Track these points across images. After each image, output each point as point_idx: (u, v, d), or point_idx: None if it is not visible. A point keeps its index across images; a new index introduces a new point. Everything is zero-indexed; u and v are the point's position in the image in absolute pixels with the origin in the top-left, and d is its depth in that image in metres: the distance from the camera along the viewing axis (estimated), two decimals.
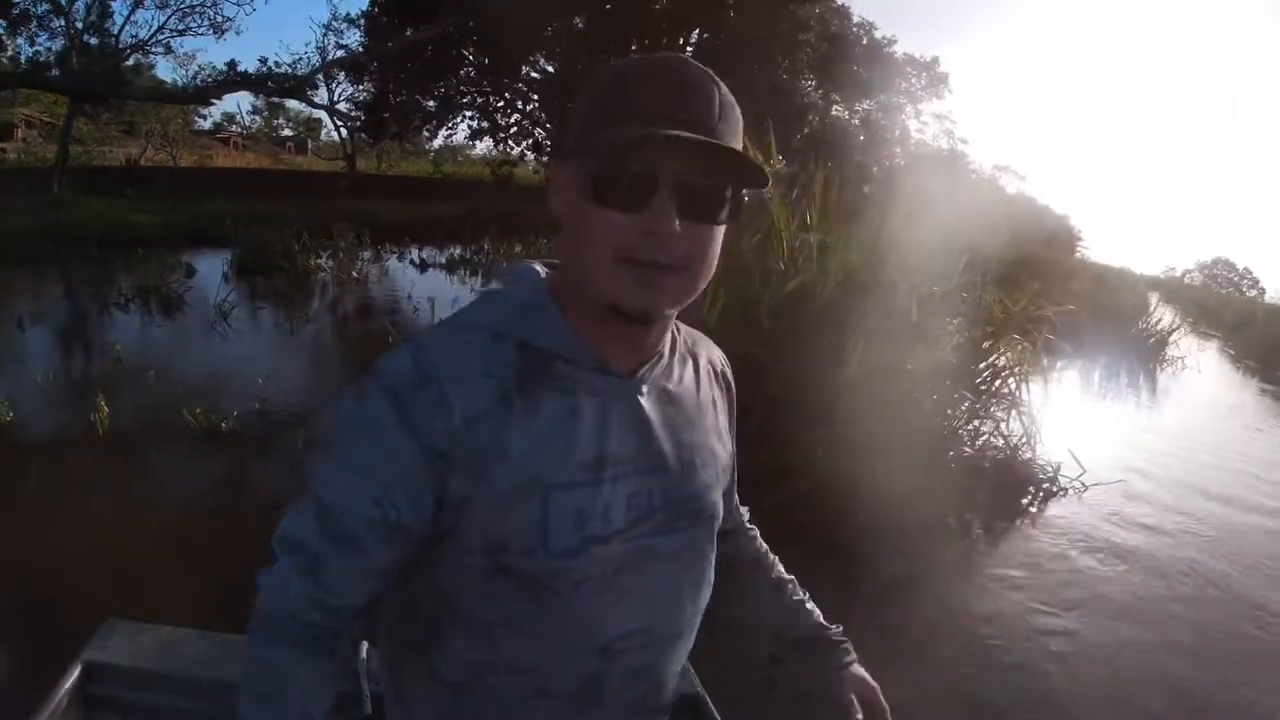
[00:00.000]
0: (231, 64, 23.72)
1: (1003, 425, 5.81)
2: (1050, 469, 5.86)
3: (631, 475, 0.89)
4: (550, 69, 25.14)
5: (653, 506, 0.91)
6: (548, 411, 0.84)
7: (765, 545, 1.24)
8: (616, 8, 21.88)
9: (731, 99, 0.81)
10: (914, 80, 31.79)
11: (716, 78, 0.81)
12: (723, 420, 1.04)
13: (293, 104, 32.44)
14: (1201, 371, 14.48)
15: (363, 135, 28.53)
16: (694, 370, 1.00)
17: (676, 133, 0.74)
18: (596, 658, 0.90)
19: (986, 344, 5.58)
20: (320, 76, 24.60)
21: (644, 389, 0.90)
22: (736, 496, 1.20)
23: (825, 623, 1.18)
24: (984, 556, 4.81)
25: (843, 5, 27.45)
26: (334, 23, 26.64)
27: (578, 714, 0.92)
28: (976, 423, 5.71)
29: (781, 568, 1.22)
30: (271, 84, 22.96)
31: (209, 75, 25.12)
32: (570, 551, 0.85)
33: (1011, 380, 5.75)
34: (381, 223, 16.92)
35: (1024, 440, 5.82)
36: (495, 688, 0.90)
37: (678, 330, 0.99)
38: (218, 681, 1.55)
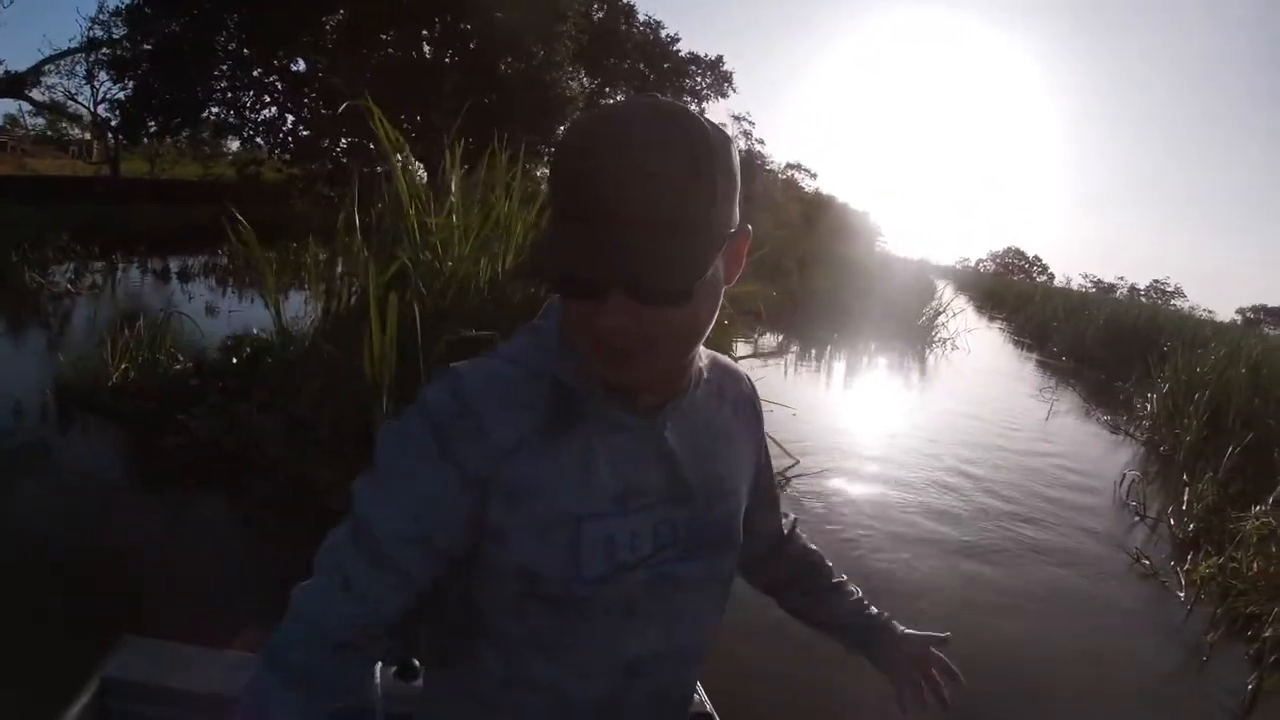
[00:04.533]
0: None
1: None
2: None
3: (657, 505, 0.91)
4: (300, 65, 24.05)
5: (676, 535, 0.93)
6: (579, 445, 0.87)
7: (805, 548, 1.29)
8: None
9: (687, 150, 0.73)
10: (699, 79, 31.95)
11: (673, 121, 0.74)
12: (747, 449, 1.07)
13: (75, 106, 29.62)
14: (970, 352, 14.84)
15: (121, 136, 26.31)
16: (718, 401, 1.01)
17: (579, 274, 0.74)
18: (619, 678, 0.93)
19: None
20: (48, 70, 23.24)
21: (669, 423, 0.92)
22: (781, 512, 1.26)
23: (862, 608, 1.25)
24: None
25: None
26: (100, 16, 24.25)
27: None
28: None
29: (823, 566, 1.28)
30: None
31: None
32: (600, 578, 0.87)
33: None
34: (133, 228, 16.07)
35: None
36: (521, 704, 0.93)
37: (707, 361, 1.01)
38: (234, 699, 1.28)
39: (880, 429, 8.35)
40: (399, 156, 5.06)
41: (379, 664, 1.16)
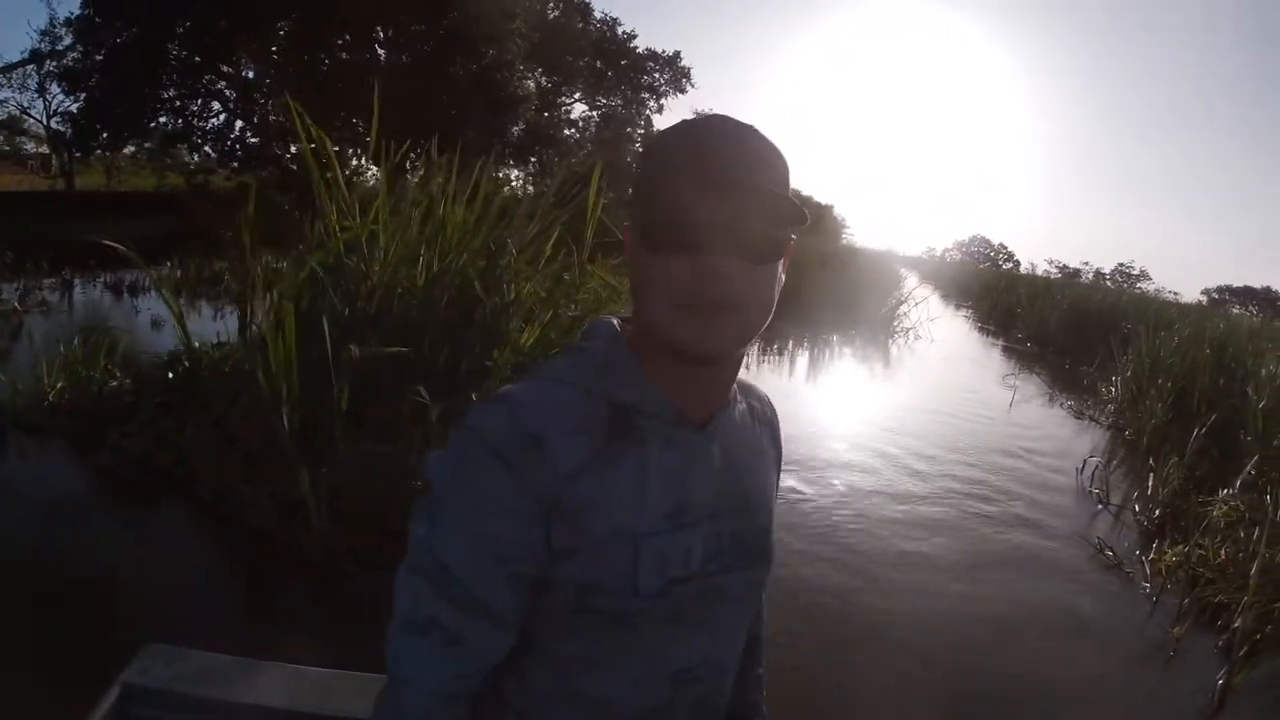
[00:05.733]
0: None
1: None
2: None
3: (706, 520, 0.93)
4: (250, 72, 23.73)
5: (722, 548, 0.95)
6: (634, 464, 0.88)
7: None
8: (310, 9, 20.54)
9: (769, 148, 0.87)
10: (657, 75, 31.78)
11: (755, 130, 0.87)
12: (772, 467, 1.11)
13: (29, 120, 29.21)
14: (933, 340, 14.82)
15: (75, 150, 26.09)
16: (750, 418, 1.06)
17: (715, 180, 0.81)
18: (666, 688, 0.94)
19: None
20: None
21: (716, 437, 0.95)
22: None
23: (760, 710, 1.25)
24: None
25: None
26: (51, 28, 23.89)
27: None
28: None
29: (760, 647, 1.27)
30: None
31: None
32: (656, 593, 0.89)
33: None
34: (83, 242, 14.93)
35: None
36: (564, 715, 0.93)
37: None
38: (255, 708, 1.63)
39: (841, 417, 8.23)
40: (357, 159, 4.89)
41: None
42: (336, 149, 4.92)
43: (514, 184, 22.46)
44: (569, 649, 0.90)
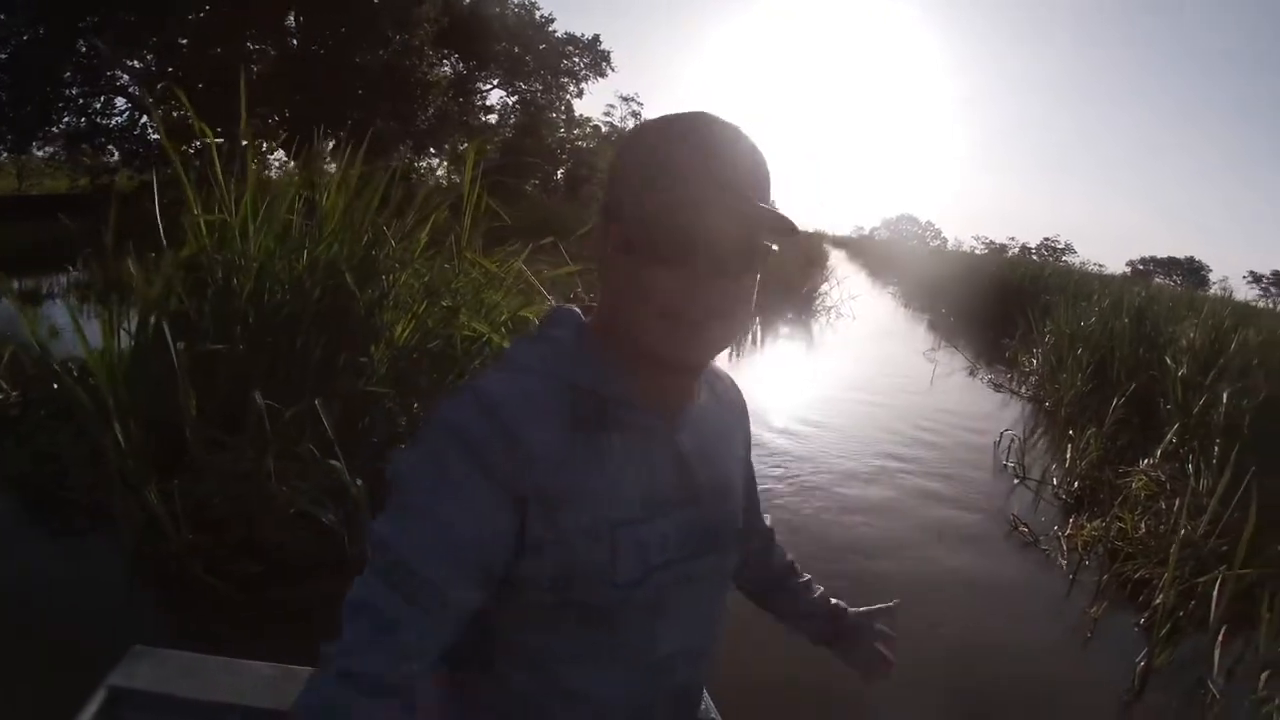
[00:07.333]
0: None
1: None
2: None
3: (676, 508, 0.92)
4: (153, 67, 22.90)
5: (692, 535, 0.94)
6: (603, 453, 0.87)
7: (782, 549, 1.33)
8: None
9: (758, 152, 0.86)
10: (576, 59, 31.52)
11: (743, 133, 0.86)
12: (739, 448, 1.11)
13: None
14: (855, 318, 14.82)
15: None
16: (715, 403, 1.05)
17: (712, 195, 0.81)
18: (646, 676, 0.94)
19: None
20: None
21: (684, 427, 0.94)
22: (761, 513, 1.28)
23: (827, 602, 1.30)
24: None
25: None
26: None
27: None
28: None
29: (796, 565, 1.33)
30: None
31: None
32: (633, 582, 0.88)
33: None
34: None
35: None
36: (550, 710, 0.92)
37: None
38: (242, 708, 1.61)
39: (757, 396, 7.91)
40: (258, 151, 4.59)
41: None
42: (247, 142, 4.57)
43: (436, 173, 22.08)
44: (550, 645, 0.89)
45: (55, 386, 4.87)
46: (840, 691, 2.96)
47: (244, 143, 4.53)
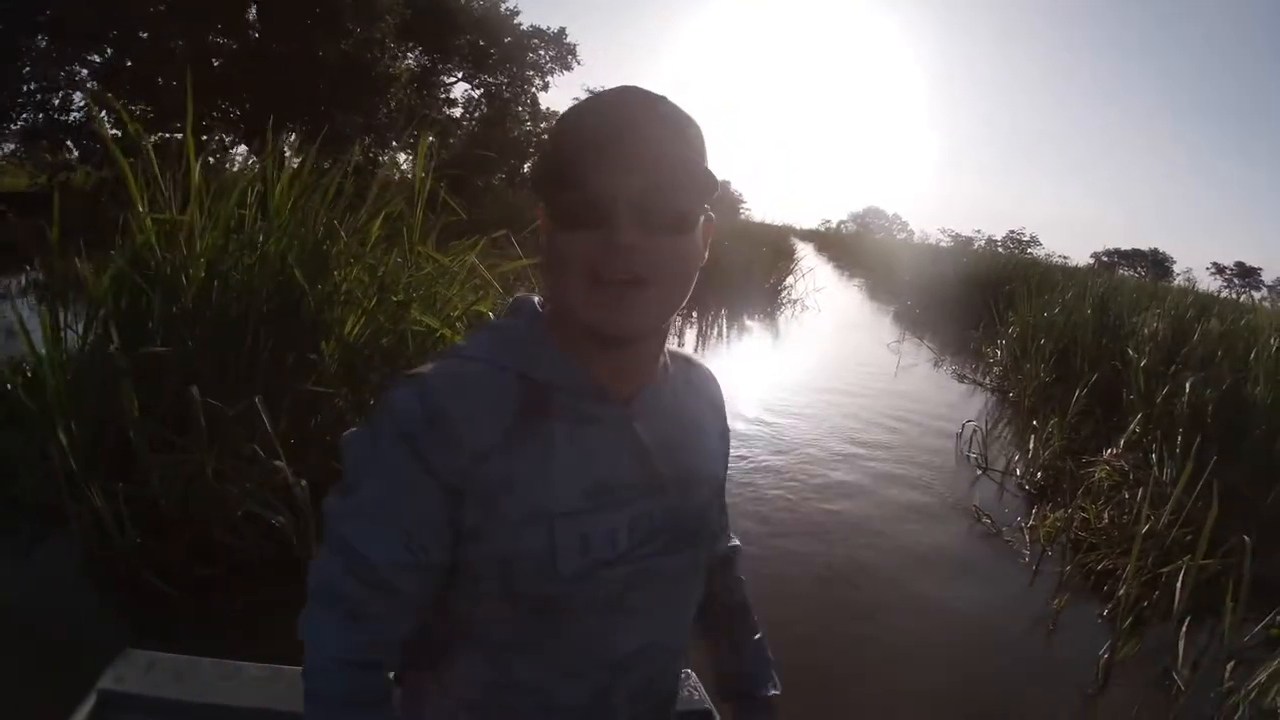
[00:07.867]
0: None
1: None
2: None
3: (634, 499, 0.90)
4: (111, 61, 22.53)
5: (655, 529, 0.92)
6: (549, 442, 0.86)
7: (741, 584, 1.26)
8: None
9: (678, 115, 0.84)
10: (542, 52, 31.25)
11: (665, 99, 0.85)
12: (714, 442, 1.06)
13: None
14: (820, 311, 14.80)
15: None
16: (686, 392, 1.02)
17: (613, 148, 0.80)
18: (606, 674, 0.92)
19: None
20: None
21: (641, 414, 0.92)
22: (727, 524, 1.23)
23: (761, 679, 1.20)
24: None
25: None
26: None
27: None
28: None
29: (747, 610, 1.24)
30: None
31: None
32: (578, 576, 0.86)
33: None
34: None
35: None
36: (507, 706, 0.92)
37: (668, 355, 1.00)
38: (235, 709, 1.60)
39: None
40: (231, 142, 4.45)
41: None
42: (195, 137, 4.44)
43: (400, 167, 21.81)
44: (504, 637, 0.89)
45: (9, 388, 4.79)
46: (806, 684, 2.93)
47: (191, 137, 4.41)
